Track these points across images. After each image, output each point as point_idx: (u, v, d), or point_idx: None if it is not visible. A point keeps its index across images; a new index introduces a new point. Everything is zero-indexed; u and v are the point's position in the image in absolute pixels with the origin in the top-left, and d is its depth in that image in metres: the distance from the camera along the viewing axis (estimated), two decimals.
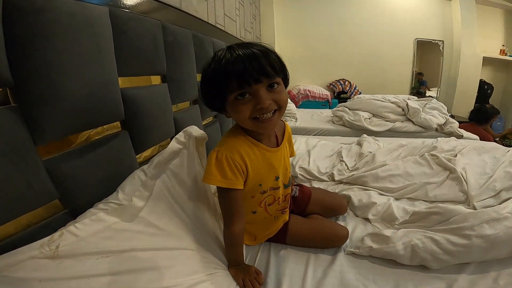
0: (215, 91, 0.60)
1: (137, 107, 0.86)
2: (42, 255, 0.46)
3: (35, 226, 0.58)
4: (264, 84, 0.58)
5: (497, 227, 0.69)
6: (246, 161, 0.64)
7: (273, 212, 0.78)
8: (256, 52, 0.56)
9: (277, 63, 0.59)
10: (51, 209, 0.63)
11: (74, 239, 0.51)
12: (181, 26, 1.15)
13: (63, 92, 0.59)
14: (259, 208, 0.75)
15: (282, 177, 0.76)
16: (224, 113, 0.66)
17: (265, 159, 0.69)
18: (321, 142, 1.65)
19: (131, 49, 0.83)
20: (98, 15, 0.69)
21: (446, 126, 2.14)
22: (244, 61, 0.55)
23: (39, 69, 0.54)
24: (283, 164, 0.76)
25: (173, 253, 0.59)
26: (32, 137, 0.55)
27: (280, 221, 0.82)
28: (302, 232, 0.82)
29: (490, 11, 3.96)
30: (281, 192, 0.77)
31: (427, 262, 0.69)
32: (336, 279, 0.69)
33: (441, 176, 1.13)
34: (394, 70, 4.05)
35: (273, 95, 0.59)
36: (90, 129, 0.75)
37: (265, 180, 0.71)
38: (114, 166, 0.76)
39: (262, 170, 0.69)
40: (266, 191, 0.73)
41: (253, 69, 0.55)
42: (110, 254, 0.51)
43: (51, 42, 0.55)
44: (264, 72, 0.56)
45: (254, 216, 0.76)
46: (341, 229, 0.82)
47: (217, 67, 0.57)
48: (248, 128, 0.64)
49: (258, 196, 0.73)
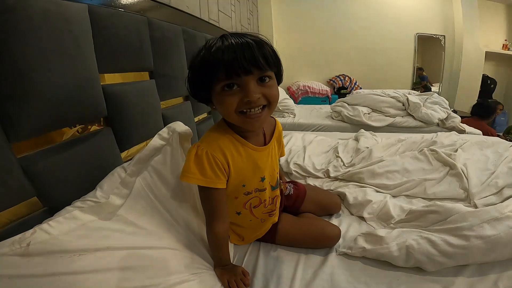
0: (202, 80, 0.55)
1: (121, 104, 0.84)
2: (12, 252, 0.46)
3: (14, 223, 0.57)
4: (254, 76, 0.53)
5: (499, 227, 0.65)
6: (229, 159, 0.60)
7: (259, 215, 0.73)
8: (249, 41, 0.52)
9: (271, 56, 0.54)
10: (31, 207, 0.62)
11: (46, 237, 0.50)
12: (171, 22, 1.13)
13: (37, 89, 0.58)
14: (244, 210, 0.71)
15: (269, 178, 0.71)
16: (210, 105, 0.61)
17: (250, 158, 0.64)
18: (318, 138, 1.61)
19: (114, 45, 0.82)
20: (76, 12, 0.68)
21: (448, 121, 2.09)
22: (235, 49, 0.50)
23: (11, 66, 0.54)
24: (270, 165, 0.70)
25: (152, 252, 0.57)
26: (5, 135, 0.54)
27: (269, 223, 0.78)
28: (292, 232, 0.78)
29: (492, 6, 3.88)
30: (267, 194, 0.72)
31: (423, 264, 0.66)
32: (325, 281, 0.65)
33: (441, 172, 1.09)
34: (395, 65, 3.99)
35: (263, 89, 0.55)
36: (69, 126, 0.73)
37: (249, 180, 0.66)
38: (97, 163, 0.74)
39: (246, 170, 0.64)
40: (250, 192, 0.68)
41: (244, 59, 0.50)
42: (83, 253, 0.49)
43: (23, 39, 0.55)
44: (255, 63, 0.51)
45: (239, 217, 0.72)
46: (333, 229, 0.78)
47: (207, 54, 0.53)
48: (234, 123, 0.59)
49: (242, 197, 0.68)
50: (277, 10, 3.72)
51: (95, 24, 0.74)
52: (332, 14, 3.80)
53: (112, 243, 0.54)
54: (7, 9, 0.52)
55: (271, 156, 0.71)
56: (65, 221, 0.55)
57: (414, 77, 4.09)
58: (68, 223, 0.54)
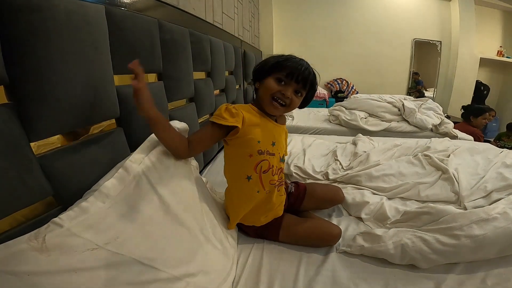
0: (270, 69, 0.78)
1: (132, 105, 0.86)
2: (30, 248, 0.46)
3: (30, 222, 0.58)
4: (295, 87, 0.78)
5: (486, 227, 0.71)
6: (244, 113, 0.76)
7: (267, 185, 0.80)
8: (310, 70, 0.80)
9: (313, 85, 0.81)
10: (47, 205, 0.63)
11: (59, 230, 0.51)
12: (178, 24, 1.15)
13: (58, 90, 0.60)
14: (254, 174, 0.78)
15: (279, 149, 0.82)
16: (256, 84, 0.83)
17: (264, 124, 0.80)
18: (317, 141, 1.66)
19: (127, 47, 0.83)
20: (94, 13, 0.69)
21: (441, 127, 2.16)
22: (303, 67, 0.77)
23: (35, 66, 0.54)
24: (279, 140, 0.83)
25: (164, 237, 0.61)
26: (26, 134, 0.56)
27: (272, 206, 0.83)
28: (296, 229, 0.83)
29: (489, 12, 3.98)
30: (276, 160, 0.81)
31: (417, 261, 0.71)
32: (327, 278, 0.70)
33: (434, 176, 1.15)
34: (391, 70, 4.07)
35: (293, 96, 0.78)
36: (83, 127, 0.76)
37: (263, 139, 0.78)
38: (109, 163, 0.76)
39: (260, 129, 0.78)
40: (263, 152, 0.77)
41: (302, 75, 0.76)
42: (95, 247, 0.51)
43: (47, 40, 0.56)
44: (304, 81, 0.77)
45: (248, 184, 0.78)
46: (335, 228, 0.84)
47: (286, 58, 0.78)
48: (263, 101, 0.79)
49: (256, 156, 0.77)
50: (277, 13, 3.77)
51: (110, 25, 0.75)
52: (331, 18, 3.86)
53: (119, 233, 0.55)
54: (34, 9, 0.52)
55: (281, 134, 0.86)
56: (74, 213, 0.55)
57: (409, 82, 4.18)
58: (77, 214, 0.55)
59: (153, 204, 0.66)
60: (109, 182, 0.61)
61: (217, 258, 0.71)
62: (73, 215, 0.54)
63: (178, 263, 0.61)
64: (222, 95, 1.80)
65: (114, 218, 0.57)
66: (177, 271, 0.59)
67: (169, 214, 0.67)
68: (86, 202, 0.57)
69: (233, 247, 0.80)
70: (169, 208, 0.68)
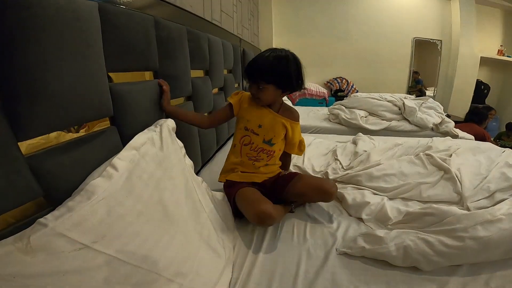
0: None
1: (127, 103, 0.84)
2: (16, 249, 0.45)
3: (20, 223, 0.56)
4: (253, 83, 0.95)
5: (491, 229, 0.69)
6: (243, 99, 1.03)
7: (243, 155, 1.01)
8: (260, 61, 0.94)
9: (266, 73, 0.92)
10: (39, 206, 0.61)
11: (44, 230, 0.49)
12: (175, 22, 1.13)
13: (47, 87, 0.58)
14: (238, 144, 1.02)
15: (264, 132, 0.99)
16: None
17: (260, 110, 1.00)
18: (317, 140, 1.64)
19: (121, 44, 0.82)
20: (86, 10, 0.68)
21: (441, 126, 2.14)
22: (251, 65, 0.96)
23: (23, 64, 0.53)
24: (269, 125, 0.99)
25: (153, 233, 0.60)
26: (14, 133, 0.54)
27: (248, 173, 1.02)
28: (300, 184, 0.96)
29: (489, 11, 3.96)
30: (258, 140, 0.99)
31: (419, 263, 0.69)
32: (327, 280, 0.68)
33: (436, 176, 1.12)
34: (391, 68, 4.05)
35: (258, 91, 0.96)
36: (76, 125, 0.74)
37: (252, 119, 0.99)
38: (102, 163, 0.74)
39: (253, 112, 1.00)
40: (248, 129, 0.99)
41: (250, 72, 0.95)
42: (82, 246, 0.50)
43: (36, 37, 0.54)
44: (252, 77, 0.95)
45: (233, 150, 1.05)
46: (329, 182, 0.98)
47: (249, 62, 0.99)
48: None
49: (242, 131, 1.01)
50: (277, 11, 3.75)
51: (104, 22, 0.73)
52: (331, 17, 3.84)
53: (106, 231, 0.54)
54: (24, 6, 0.51)
55: (273, 122, 1.00)
56: (59, 212, 0.53)
57: (409, 81, 4.16)
58: (62, 213, 0.52)
59: (143, 201, 0.64)
60: (96, 180, 0.59)
61: (210, 258, 0.69)
62: (58, 214, 0.52)
63: (169, 263, 0.59)
64: (221, 93, 1.78)
65: (101, 216, 0.55)
66: (168, 272, 0.57)
67: (160, 212, 0.66)
68: (71, 201, 0.55)
69: (228, 246, 0.78)
70: (160, 206, 0.66)
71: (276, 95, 0.97)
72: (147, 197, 0.65)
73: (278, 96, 0.99)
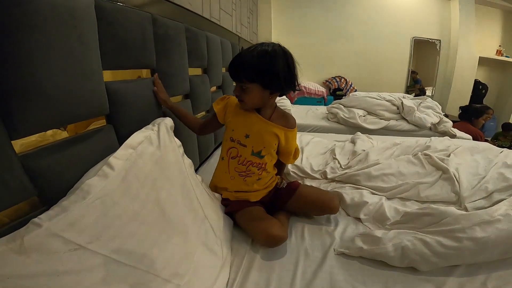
0: None
1: (123, 101, 0.83)
2: (9, 250, 0.44)
3: (14, 222, 0.55)
4: (237, 83, 0.83)
5: (489, 230, 0.69)
6: (229, 104, 0.92)
7: (232, 171, 0.89)
8: (243, 59, 0.81)
9: (250, 71, 0.79)
10: (33, 206, 0.60)
11: (37, 230, 0.48)
12: (174, 20, 1.12)
13: (41, 85, 0.57)
14: (225, 157, 0.90)
15: (253, 143, 0.86)
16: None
17: (248, 117, 0.87)
18: (315, 139, 1.63)
19: (118, 41, 0.81)
20: (82, 7, 0.67)
21: (440, 125, 2.14)
22: (233, 63, 0.84)
23: (15, 62, 0.52)
24: (258, 134, 0.86)
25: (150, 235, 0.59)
26: (7, 132, 0.53)
27: (239, 190, 0.91)
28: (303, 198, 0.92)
29: (488, 11, 3.96)
30: (246, 153, 0.86)
31: (417, 264, 0.69)
32: (325, 280, 0.68)
33: (434, 176, 1.12)
34: (390, 68, 4.05)
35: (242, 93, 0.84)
36: (71, 124, 0.73)
37: (237, 129, 0.87)
38: (98, 161, 0.73)
39: (238, 119, 0.87)
40: (234, 140, 0.87)
41: (233, 72, 0.85)
42: (77, 247, 0.49)
43: (29, 34, 0.53)
44: (236, 76, 0.83)
45: (221, 163, 0.93)
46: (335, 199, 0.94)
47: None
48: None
49: (228, 142, 0.88)
50: (276, 10, 3.73)
51: (100, 19, 0.72)
52: (330, 16, 3.83)
53: (100, 232, 0.53)
54: (16, 3, 0.50)
55: (263, 131, 0.86)
56: (53, 212, 0.53)
57: (408, 80, 4.16)
58: (56, 213, 0.52)
59: (139, 201, 0.63)
60: (91, 179, 0.58)
61: (207, 258, 0.69)
62: (53, 214, 0.51)
63: (166, 264, 0.58)
64: (219, 92, 1.77)
65: (97, 216, 0.54)
66: (165, 272, 0.56)
67: (157, 212, 0.65)
68: (66, 200, 0.54)
69: (225, 246, 0.77)
70: (157, 206, 0.65)
71: (263, 97, 0.82)
72: (143, 196, 0.65)
73: (267, 99, 0.83)
